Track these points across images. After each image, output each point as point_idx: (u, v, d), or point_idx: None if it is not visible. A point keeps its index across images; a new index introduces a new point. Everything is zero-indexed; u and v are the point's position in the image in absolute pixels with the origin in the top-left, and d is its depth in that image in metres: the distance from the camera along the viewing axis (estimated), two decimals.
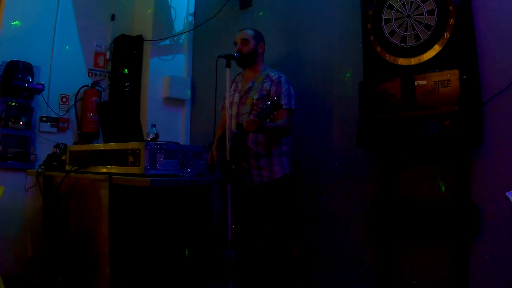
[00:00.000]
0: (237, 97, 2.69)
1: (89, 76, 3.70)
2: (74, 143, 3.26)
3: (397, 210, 2.38)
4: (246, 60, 2.64)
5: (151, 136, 2.31)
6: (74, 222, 2.49)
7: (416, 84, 2.22)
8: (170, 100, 3.81)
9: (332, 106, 2.82)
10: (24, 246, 3.13)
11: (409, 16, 2.30)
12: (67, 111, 3.51)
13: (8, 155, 3.11)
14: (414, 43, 2.28)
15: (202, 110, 3.77)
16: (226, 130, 2.45)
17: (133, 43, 3.76)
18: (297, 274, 2.83)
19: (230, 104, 2.67)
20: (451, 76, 2.11)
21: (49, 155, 2.81)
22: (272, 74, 2.61)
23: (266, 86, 2.58)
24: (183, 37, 3.92)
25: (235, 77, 2.81)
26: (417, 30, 2.27)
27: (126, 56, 3.73)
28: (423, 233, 2.29)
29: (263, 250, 2.62)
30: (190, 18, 3.94)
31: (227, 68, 2.46)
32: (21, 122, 3.13)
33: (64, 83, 3.49)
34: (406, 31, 2.31)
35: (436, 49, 2.21)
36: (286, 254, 2.59)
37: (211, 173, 2.55)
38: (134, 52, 3.75)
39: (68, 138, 3.44)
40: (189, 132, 3.91)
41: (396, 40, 2.35)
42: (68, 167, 2.52)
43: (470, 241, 2.16)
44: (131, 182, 2.04)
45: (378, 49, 2.43)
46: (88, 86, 3.60)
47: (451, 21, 2.16)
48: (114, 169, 2.20)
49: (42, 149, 3.23)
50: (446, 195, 2.25)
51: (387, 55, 2.39)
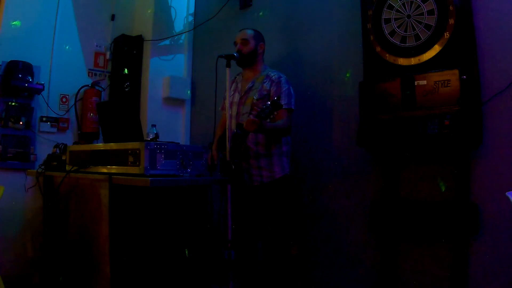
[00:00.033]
0: (237, 97, 2.69)
1: (89, 76, 3.70)
2: (74, 143, 3.26)
3: (397, 210, 2.38)
4: (246, 60, 2.64)
5: (151, 136, 2.31)
6: (74, 222, 2.49)
7: (416, 84, 2.22)
8: (170, 100, 3.81)
9: (332, 106, 2.82)
10: (24, 246, 3.13)
11: (409, 16, 2.30)
12: (67, 111, 3.51)
13: (8, 155, 3.11)
14: (414, 43, 2.28)
15: (202, 110, 3.77)
16: (226, 130, 2.45)
17: (133, 43, 3.76)
18: (297, 274, 2.83)
19: (230, 104, 2.67)
20: (451, 76, 2.11)
21: (49, 155, 2.81)
22: (272, 74, 2.61)
23: (266, 86, 2.58)
24: (183, 37, 3.92)
25: (235, 77, 2.81)
26: (417, 30, 2.27)
27: (126, 56, 3.73)
28: (423, 233, 2.29)
29: (263, 250, 2.62)
30: (190, 18, 3.94)
31: (227, 68, 2.46)
32: (21, 122, 3.13)
33: (64, 83, 3.49)
34: (406, 31, 2.31)
35: (436, 49, 2.21)
36: (286, 254, 2.59)
37: (211, 173, 2.55)
38: (134, 52, 3.75)
39: (68, 138, 3.44)
40: (189, 132, 3.91)
41: (396, 40, 2.35)
42: (68, 167, 2.52)
43: (470, 241, 2.16)
44: (131, 182, 2.04)
45: (378, 49, 2.43)
46: (88, 86, 3.60)
47: (451, 21, 2.16)
48: (114, 169, 2.20)
49: (42, 149, 3.23)
50: (446, 195, 2.25)
51: (387, 55, 2.39)
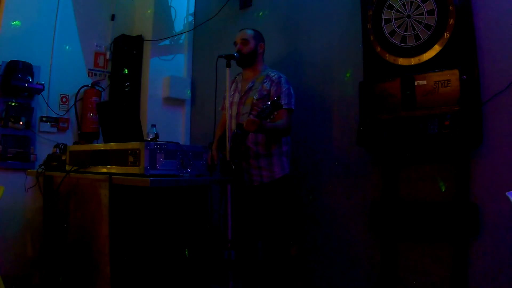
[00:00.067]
0: (237, 97, 2.69)
1: (89, 76, 3.70)
2: (74, 143, 3.25)
3: (397, 210, 2.38)
4: (246, 60, 2.64)
5: (151, 136, 2.31)
6: (74, 222, 2.49)
7: (416, 84, 2.22)
8: (170, 100, 3.80)
9: (332, 106, 2.82)
10: (24, 246, 3.13)
11: (409, 16, 2.31)
12: (67, 111, 3.51)
13: (8, 155, 3.11)
14: (414, 43, 2.28)
15: (202, 110, 3.77)
16: (226, 130, 2.46)
17: (133, 43, 3.76)
18: (297, 274, 2.83)
19: (230, 104, 2.67)
20: (451, 76, 2.11)
21: (49, 155, 2.81)
22: (272, 74, 2.61)
23: (266, 86, 2.58)
24: (183, 37, 3.92)
25: (235, 77, 2.81)
26: (417, 30, 2.27)
27: (126, 56, 3.72)
28: (423, 233, 2.29)
29: (263, 250, 2.62)
30: (190, 18, 3.94)
31: (227, 68, 2.46)
32: (21, 122, 3.13)
33: (64, 83, 3.49)
34: (406, 31, 2.31)
35: (436, 49, 2.21)
36: (286, 254, 2.59)
37: (211, 173, 2.55)
38: (134, 52, 3.75)
39: (68, 138, 3.44)
40: (189, 132, 3.91)
41: (396, 40, 2.35)
42: (68, 167, 2.51)
43: (470, 241, 2.16)
44: (131, 182, 2.03)
45: (378, 49, 2.43)
46: (88, 86, 3.60)
47: (451, 21, 2.16)
48: (114, 169, 2.20)
49: (42, 149, 3.22)
50: (446, 195, 2.25)
51: (387, 55, 2.39)
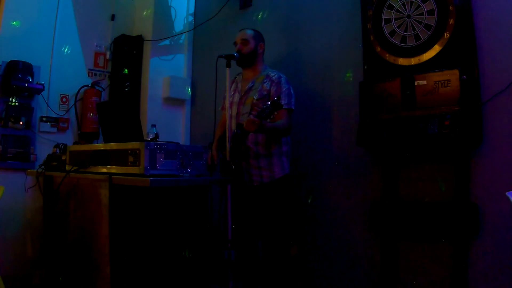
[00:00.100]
0: (237, 97, 2.69)
1: (89, 76, 3.70)
2: (74, 143, 3.25)
3: (397, 210, 2.38)
4: (246, 60, 2.64)
5: (151, 136, 2.31)
6: (74, 222, 2.49)
7: (416, 84, 2.22)
8: (170, 100, 3.80)
9: (332, 106, 2.82)
10: (24, 246, 3.13)
11: (409, 16, 2.31)
12: (67, 111, 3.51)
13: (8, 155, 3.11)
14: (414, 43, 2.28)
15: (202, 110, 3.77)
16: (226, 130, 2.46)
17: (133, 43, 3.76)
18: (297, 274, 2.83)
19: (230, 104, 2.67)
20: (451, 76, 2.11)
21: (49, 155, 2.81)
22: (272, 74, 2.61)
23: (266, 86, 2.58)
24: (183, 37, 3.92)
25: (235, 77, 2.81)
26: (417, 30, 2.27)
27: (126, 56, 3.72)
28: (423, 233, 2.29)
29: (263, 250, 2.62)
30: (190, 18, 3.94)
31: (227, 68, 2.46)
32: (21, 122, 3.13)
33: (64, 83, 3.49)
34: (406, 31, 2.31)
35: (436, 49, 2.21)
36: (286, 254, 2.59)
37: (211, 173, 2.55)
38: (134, 52, 3.75)
39: (68, 138, 3.44)
40: (189, 132, 3.91)
41: (396, 40, 2.35)
42: (68, 167, 2.51)
43: (470, 241, 2.16)
44: (131, 182, 2.03)
45: (378, 49, 2.43)
46: (88, 86, 3.60)
47: (451, 21, 2.16)
48: (114, 169, 2.20)
49: (42, 149, 3.22)
50: (446, 195, 2.25)
51: (387, 55, 2.39)
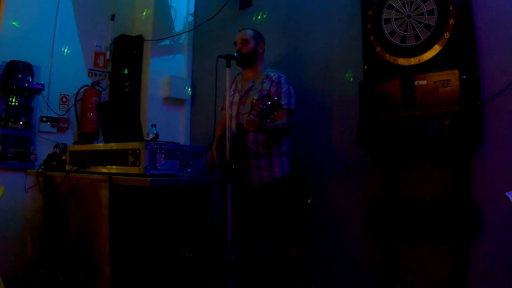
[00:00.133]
0: (237, 97, 2.69)
1: (89, 76, 3.70)
2: (74, 143, 3.26)
3: (397, 210, 2.38)
4: (246, 60, 2.64)
5: (151, 136, 2.31)
6: (74, 222, 2.49)
7: (416, 84, 2.22)
8: (170, 100, 3.80)
9: (332, 106, 2.82)
10: (24, 246, 3.13)
11: (409, 16, 2.31)
12: (67, 111, 3.51)
13: (8, 155, 3.11)
14: (414, 43, 2.28)
15: (202, 110, 3.77)
16: (226, 130, 2.46)
17: (133, 43, 3.76)
18: (297, 274, 2.83)
19: (230, 104, 2.67)
20: (451, 76, 2.11)
21: (49, 155, 2.81)
22: (272, 74, 2.61)
23: (266, 86, 2.58)
24: (183, 37, 3.92)
25: (235, 77, 2.81)
26: (417, 30, 2.27)
27: (126, 56, 3.72)
28: (423, 233, 2.29)
29: (263, 250, 2.62)
30: (190, 18, 3.94)
31: (227, 68, 2.46)
32: (21, 122, 3.13)
33: (64, 83, 3.49)
34: (406, 31, 2.31)
35: (436, 49, 2.21)
36: (286, 254, 2.59)
37: (211, 173, 2.55)
38: (134, 52, 3.75)
39: (68, 138, 3.44)
40: (189, 132, 3.91)
41: (396, 40, 2.35)
42: (68, 167, 2.51)
43: (470, 241, 2.16)
44: (131, 182, 2.03)
45: (378, 49, 2.43)
46: (88, 86, 3.60)
47: (451, 21, 2.16)
48: (114, 169, 2.20)
49: (42, 149, 3.22)
50: (446, 195, 2.25)
51: (387, 55, 2.39)
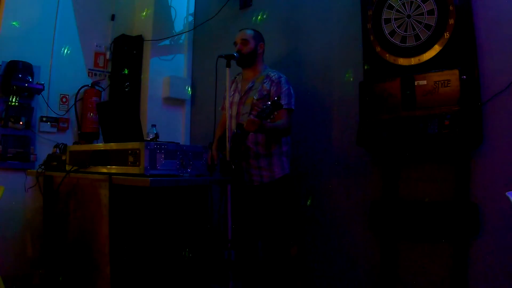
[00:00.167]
0: (237, 97, 2.69)
1: (89, 76, 3.70)
2: (74, 143, 3.25)
3: (397, 210, 2.38)
4: (246, 60, 2.64)
5: (151, 136, 2.31)
6: (74, 222, 2.49)
7: (416, 84, 2.22)
8: (170, 100, 3.80)
9: (332, 106, 2.82)
10: (24, 246, 3.13)
11: (409, 16, 2.31)
12: (67, 111, 3.51)
13: (8, 155, 3.11)
14: (414, 43, 2.28)
15: (202, 110, 3.77)
16: (226, 130, 2.46)
17: (133, 43, 3.76)
18: (297, 274, 2.83)
19: (230, 104, 2.67)
20: (451, 76, 2.11)
21: (49, 155, 2.81)
22: (272, 74, 2.61)
23: (266, 86, 2.58)
24: (183, 37, 3.92)
25: (235, 77, 2.81)
26: (417, 30, 2.27)
27: (126, 56, 3.72)
28: (423, 233, 2.29)
29: (263, 250, 2.62)
30: (190, 18, 3.94)
31: (227, 68, 2.46)
32: (21, 122, 3.13)
33: (64, 83, 3.49)
34: (406, 31, 2.31)
35: (436, 49, 2.21)
36: (286, 254, 2.59)
37: (211, 173, 2.55)
38: (134, 52, 3.75)
39: (68, 138, 3.44)
40: (189, 132, 3.91)
41: (396, 40, 2.35)
42: (68, 167, 2.51)
43: (470, 241, 2.16)
44: (131, 182, 2.03)
45: (378, 49, 2.43)
46: (88, 86, 3.60)
47: (451, 21, 2.16)
48: (114, 169, 2.20)
49: (42, 149, 3.22)
50: (446, 195, 2.25)
51: (387, 55, 2.39)
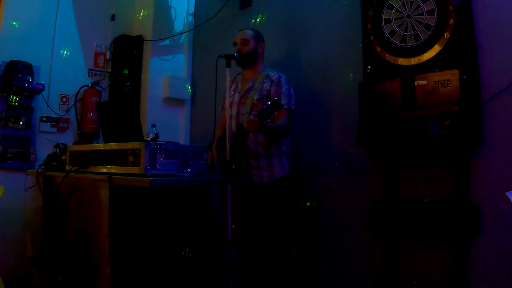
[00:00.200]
0: (237, 97, 2.69)
1: (89, 76, 3.70)
2: (74, 143, 3.26)
3: (397, 210, 2.38)
4: (246, 60, 2.64)
5: (151, 136, 2.31)
6: (74, 222, 2.49)
7: (416, 84, 2.22)
8: (170, 100, 3.80)
9: (332, 106, 2.82)
10: (24, 246, 3.13)
11: (409, 16, 2.31)
12: (67, 111, 3.51)
13: (8, 155, 3.10)
14: (414, 43, 2.28)
15: (202, 110, 3.77)
16: (226, 130, 2.46)
17: (133, 43, 3.76)
18: (297, 274, 2.83)
19: (230, 104, 2.67)
20: (451, 76, 2.11)
21: (49, 155, 2.81)
22: (272, 74, 2.61)
23: (266, 86, 2.58)
24: (183, 37, 3.92)
25: (235, 77, 2.81)
26: (417, 30, 2.27)
27: (126, 56, 3.72)
28: (423, 233, 2.29)
29: (263, 250, 2.62)
30: (190, 18, 3.94)
31: (227, 68, 2.47)
32: (21, 122, 3.13)
33: (64, 83, 3.49)
34: (406, 31, 2.32)
35: (436, 49, 2.21)
36: (286, 254, 2.59)
37: (211, 173, 2.55)
38: (134, 52, 3.75)
39: (68, 138, 3.43)
40: (189, 132, 3.91)
41: (396, 40, 2.35)
42: (68, 167, 2.51)
43: (470, 241, 2.16)
44: (131, 182, 2.03)
45: (378, 49, 2.43)
46: (88, 86, 3.60)
47: (451, 21, 2.16)
48: (114, 169, 2.20)
49: (42, 149, 3.22)
50: (446, 195, 2.25)
51: (387, 55, 2.39)
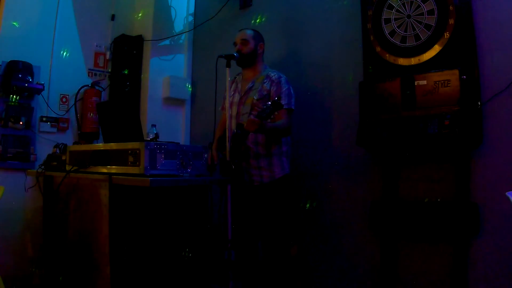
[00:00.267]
0: (237, 97, 2.69)
1: (89, 76, 3.70)
2: (74, 143, 3.25)
3: (397, 210, 2.38)
4: (246, 60, 2.64)
5: (151, 136, 2.31)
6: (74, 222, 2.49)
7: (416, 84, 2.22)
8: (170, 100, 3.80)
9: (332, 106, 2.82)
10: (24, 246, 3.13)
11: (409, 16, 2.31)
12: (67, 111, 3.51)
13: (8, 155, 3.10)
14: (414, 43, 2.28)
15: (202, 110, 3.77)
16: (226, 130, 2.46)
17: (133, 43, 3.76)
18: (297, 274, 2.83)
19: (230, 104, 2.67)
20: (451, 76, 2.11)
21: (49, 155, 2.81)
22: (272, 74, 2.61)
23: (266, 86, 2.58)
24: (183, 37, 3.92)
25: (235, 77, 2.81)
26: (417, 30, 2.27)
27: (126, 56, 3.72)
28: (423, 233, 2.29)
29: (263, 250, 2.62)
30: (190, 18, 3.94)
31: (227, 68, 2.47)
32: (21, 122, 3.13)
33: (64, 83, 3.49)
34: (406, 31, 2.32)
35: (436, 49, 2.21)
36: (286, 254, 2.59)
37: (211, 173, 2.55)
38: (134, 52, 3.75)
39: (68, 138, 3.44)
40: (189, 132, 3.91)
41: (396, 40, 2.35)
42: (68, 167, 2.51)
43: (470, 241, 2.16)
44: (131, 182, 2.04)
45: (378, 49, 2.43)
46: (88, 86, 3.60)
47: (451, 21, 2.16)
48: (114, 169, 2.20)
49: (42, 149, 3.22)
50: (446, 195, 2.25)
51: (387, 55, 2.39)
